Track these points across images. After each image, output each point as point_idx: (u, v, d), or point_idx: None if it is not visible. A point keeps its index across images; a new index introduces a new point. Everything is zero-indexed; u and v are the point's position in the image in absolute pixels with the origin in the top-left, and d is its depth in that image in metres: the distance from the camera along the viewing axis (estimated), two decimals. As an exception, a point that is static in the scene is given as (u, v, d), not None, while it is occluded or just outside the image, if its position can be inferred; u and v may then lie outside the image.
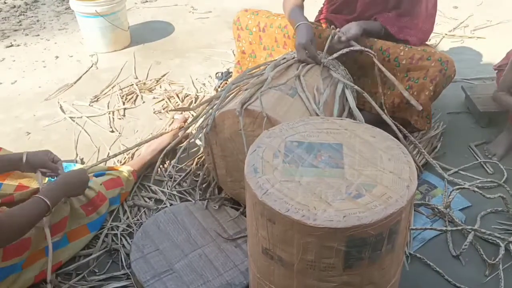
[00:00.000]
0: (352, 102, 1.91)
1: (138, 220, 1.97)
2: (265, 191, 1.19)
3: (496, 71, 2.50)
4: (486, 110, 2.48)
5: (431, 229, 1.88)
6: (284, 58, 2.02)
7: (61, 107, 2.73)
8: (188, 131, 2.14)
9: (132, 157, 2.31)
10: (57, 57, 3.27)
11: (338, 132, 1.40)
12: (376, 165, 1.27)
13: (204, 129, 1.84)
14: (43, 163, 1.73)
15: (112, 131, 2.54)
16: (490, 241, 1.85)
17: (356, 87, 2.00)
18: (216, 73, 2.97)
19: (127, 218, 1.98)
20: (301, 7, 2.20)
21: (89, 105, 2.75)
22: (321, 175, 1.25)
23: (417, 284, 1.71)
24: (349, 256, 1.16)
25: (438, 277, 1.74)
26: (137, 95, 2.82)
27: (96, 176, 1.97)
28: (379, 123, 1.73)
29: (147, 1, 4.10)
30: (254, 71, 2.02)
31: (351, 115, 1.94)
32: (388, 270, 1.26)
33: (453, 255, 1.81)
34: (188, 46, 3.39)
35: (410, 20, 2.12)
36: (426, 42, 2.32)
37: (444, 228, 1.88)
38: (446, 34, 3.42)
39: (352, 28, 2.07)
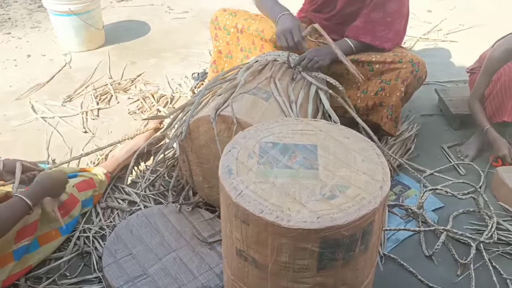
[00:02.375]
0: (326, 103, 1.92)
1: (111, 222, 1.93)
2: (239, 192, 1.18)
3: (469, 74, 2.55)
4: (458, 112, 2.53)
5: (404, 229, 1.90)
6: (257, 61, 2.02)
7: (32, 107, 2.67)
8: (163, 132, 2.11)
9: (106, 158, 2.27)
10: (29, 55, 3.20)
11: (313, 133, 1.40)
12: (350, 166, 1.28)
13: (179, 137, 1.81)
14: (20, 164, 1.70)
15: (86, 132, 2.49)
16: (462, 241, 1.88)
17: (330, 91, 2.01)
18: (193, 74, 2.95)
19: (100, 220, 1.94)
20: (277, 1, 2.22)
21: (62, 105, 2.69)
22: (296, 176, 1.24)
23: (391, 284, 1.72)
24: (323, 257, 1.16)
25: (412, 277, 1.76)
26: (112, 95, 2.78)
27: (68, 178, 1.92)
28: (352, 127, 1.74)
29: (122, 0, 4.05)
30: (227, 75, 2.00)
31: (325, 117, 1.95)
32: (362, 270, 1.27)
33: (426, 255, 1.84)
34: (164, 46, 3.36)
35: (383, 18, 2.13)
36: (401, 45, 2.35)
37: (417, 229, 1.90)
38: (420, 38, 3.47)
39: (325, 61, 2.08)
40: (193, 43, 3.38)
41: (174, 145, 1.86)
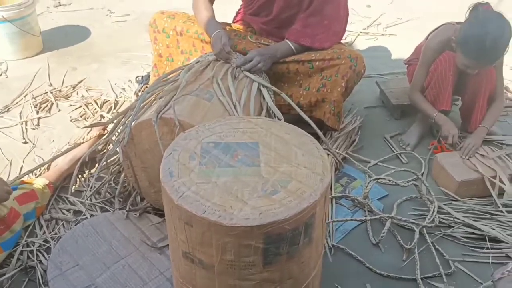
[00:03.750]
0: (269, 101, 1.94)
1: (56, 234, 1.87)
2: (181, 194, 1.18)
3: (407, 65, 2.65)
4: (398, 103, 2.62)
5: (351, 220, 1.94)
6: (198, 62, 2.01)
7: (-33, 119, 2.55)
8: (107, 139, 2.06)
9: (48, 169, 2.20)
10: (-39, 66, 3.05)
11: (254, 130, 1.41)
12: (291, 161, 1.30)
13: (121, 143, 1.78)
14: None
15: (26, 142, 2.40)
16: (406, 227, 1.94)
17: (273, 88, 2.03)
18: (136, 77, 2.90)
19: (44, 233, 1.88)
20: (213, 17, 2.23)
21: (-1, 116, 2.59)
22: (238, 174, 1.25)
23: (341, 274, 1.76)
24: (267, 253, 1.17)
25: (360, 265, 1.80)
26: (52, 103, 2.69)
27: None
28: (297, 124, 1.78)
29: (60, 5, 3.93)
30: (168, 77, 1.98)
31: (270, 115, 1.97)
32: (308, 263, 1.29)
33: (373, 243, 1.89)
34: (105, 50, 3.28)
35: (320, 21, 2.18)
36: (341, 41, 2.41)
37: (364, 218, 1.95)
38: (360, 32, 3.57)
39: (266, 65, 2.12)
40: (136, 46, 3.32)
41: (118, 150, 1.83)
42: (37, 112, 2.61)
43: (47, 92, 2.77)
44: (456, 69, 2.22)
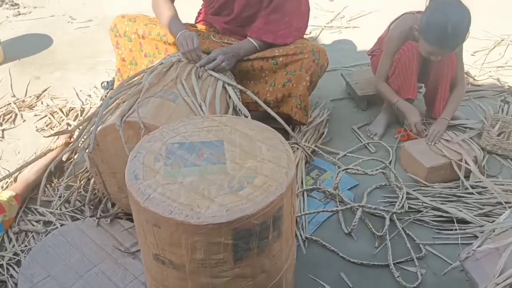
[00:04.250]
0: (235, 99, 1.95)
1: (26, 246, 1.84)
2: (147, 197, 1.17)
3: (370, 56, 2.69)
4: (364, 94, 2.65)
5: (322, 211, 1.97)
6: (162, 64, 2.00)
7: None
8: (73, 146, 2.03)
9: (15, 180, 2.16)
10: None
11: (219, 129, 1.41)
12: (256, 156, 1.31)
13: (87, 150, 1.76)
14: None
15: (-10, 155, 2.35)
16: (377, 214, 1.98)
17: (239, 86, 2.04)
18: (102, 83, 2.86)
19: (14, 246, 1.84)
20: (176, 16, 2.21)
21: (-39, 130, 2.52)
22: (204, 173, 1.25)
23: (315, 265, 1.78)
24: (237, 249, 1.18)
25: (334, 255, 1.83)
26: (16, 114, 2.64)
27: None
28: (265, 121, 1.80)
29: (20, 14, 3.85)
30: (132, 80, 1.96)
31: (237, 113, 1.98)
32: (279, 256, 1.30)
33: (345, 232, 1.92)
34: (69, 57, 3.23)
35: (281, 18, 2.19)
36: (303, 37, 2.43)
37: (335, 209, 1.97)
38: (324, 26, 3.60)
39: (230, 64, 2.13)
40: (100, 51, 3.28)
41: (85, 157, 1.80)
42: (1, 124, 2.55)
43: (10, 103, 2.71)
44: (419, 58, 2.27)
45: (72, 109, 2.66)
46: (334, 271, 1.77)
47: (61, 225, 1.90)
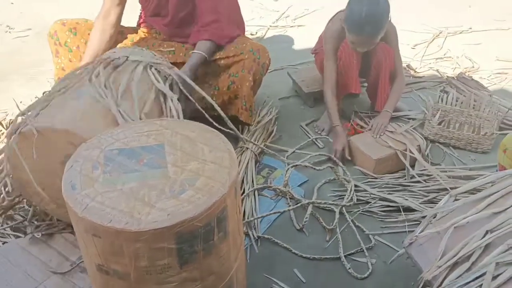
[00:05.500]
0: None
1: (-35, 268, 1.75)
2: (85, 206, 1.14)
3: (313, 54, 2.72)
4: (310, 91, 2.69)
5: (274, 213, 1.96)
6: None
7: None
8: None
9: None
10: None
11: (159, 132, 1.39)
12: (198, 158, 1.29)
13: (4, 174, 1.67)
14: None
15: None
16: (327, 208, 2.00)
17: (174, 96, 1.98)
18: (43, 93, 2.76)
19: (-48, 268, 1.75)
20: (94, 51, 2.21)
21: None
22: (145, 179, 1.23)
23: (269, 264, 1.78)
24: (182, 253, 1.16)
25: (287, 252, 1.83)
26: (-46, 129, 2.51)
27: None
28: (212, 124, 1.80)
29: (-48, 27, 3.68)
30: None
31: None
32: (227, 257, 1.29)
33: (297, 229, 1.93)
34: (8, 68, 3.11)
35: (217, 18, 2.18)
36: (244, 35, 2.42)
37: (286, 209, 1.98)
38: (270, 26, 3.62)
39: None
40: (41, 61, 3.16)
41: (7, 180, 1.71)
42: None
43: None
44: (358, 53, 2.32)
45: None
46: (288, 267, 1.77)
47: (3, 243, 1.82)
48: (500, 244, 1.27)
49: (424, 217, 1.54)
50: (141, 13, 2.47)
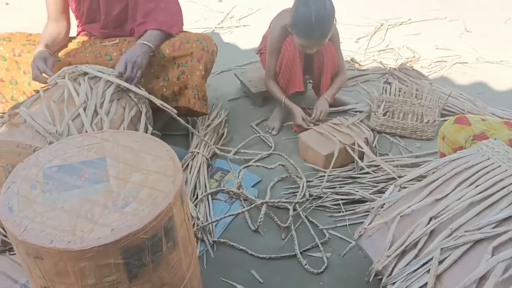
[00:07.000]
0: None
1: None
2: (24, 229, 1.10)
3: (258, 54, 2.73)
4: (258, 90, 2.70)
5: (228, 216, 1.94)
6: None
7: None
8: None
9: None
10: None
11: (100, 145, 1.36)
12: (141, 169, 1.27)
13: None
14: None
15: None
16: (281, 207, 2.01)
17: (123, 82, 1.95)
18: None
19: None
20: (43, 37, 2.15)
21: None
22: (87, 195, 1.20)
23: (226, 267, 1.77)
24: (130, 267, 1.14)
25: (244, 254, 1.83)
26: None
27: None
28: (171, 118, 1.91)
29: None
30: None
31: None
32: (179, 266, 1.28)
33: (252, 229, 1.93)
34: None
35: (158, 5, 2.16)
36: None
37: (240, 211, 1.97)
38: (215, 27, 3.61)
39: (143, 62, 2.04)
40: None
41: None
42: None
43: None
44: (301, 52, 2.34)
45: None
46: (245, 269, 1.77)
47: None
48: (443, 229, 1.31)
49: (370, 207, 1.57)
50: (77, 23, 2.41)
